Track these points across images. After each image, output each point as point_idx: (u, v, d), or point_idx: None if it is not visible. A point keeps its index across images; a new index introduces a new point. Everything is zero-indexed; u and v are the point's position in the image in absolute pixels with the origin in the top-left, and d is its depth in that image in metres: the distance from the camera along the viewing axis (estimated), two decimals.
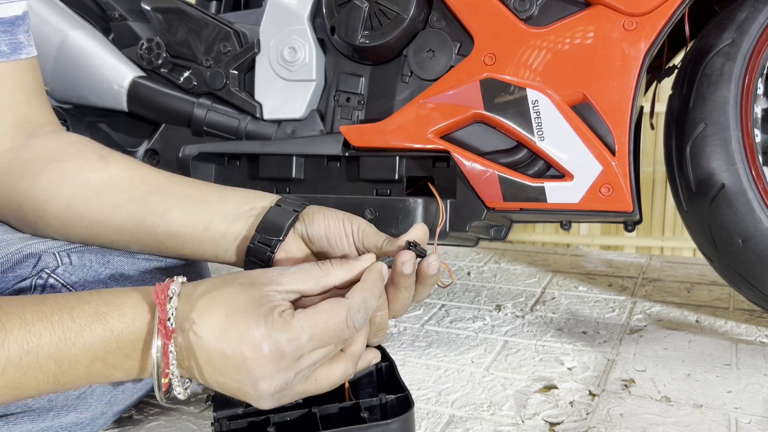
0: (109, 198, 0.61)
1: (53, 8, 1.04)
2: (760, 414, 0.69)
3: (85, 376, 0.48)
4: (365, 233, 0.60)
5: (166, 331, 0.47)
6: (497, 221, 0.95)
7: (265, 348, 0.46)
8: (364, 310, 0.50)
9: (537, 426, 0.68)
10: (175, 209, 0.61)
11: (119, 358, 0.48)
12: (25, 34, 0.65)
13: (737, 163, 0.82)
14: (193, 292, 0.50)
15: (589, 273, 1.31)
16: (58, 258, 0.61)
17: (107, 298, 0.49)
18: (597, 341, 0.91)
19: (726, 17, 0.86)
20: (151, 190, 0.62)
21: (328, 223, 0.60)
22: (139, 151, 1.09)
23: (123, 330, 0.48)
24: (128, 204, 0.61)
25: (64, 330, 0.46)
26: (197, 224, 0.61)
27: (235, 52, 1.00)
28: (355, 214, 0.62)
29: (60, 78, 1.05)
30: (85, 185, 0.62)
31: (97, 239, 0.63)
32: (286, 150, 0.97)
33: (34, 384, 0.46)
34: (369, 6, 0.90)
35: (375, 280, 0.52)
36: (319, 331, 0.47)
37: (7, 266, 0.60)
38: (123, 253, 0.65)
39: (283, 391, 0.49)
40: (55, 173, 0.62)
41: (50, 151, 0.64)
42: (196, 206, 0.61)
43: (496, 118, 0.85)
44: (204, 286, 0.51)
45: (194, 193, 0.62)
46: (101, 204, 0.61)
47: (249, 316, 0.47)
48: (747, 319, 1.00)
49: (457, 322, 1.01)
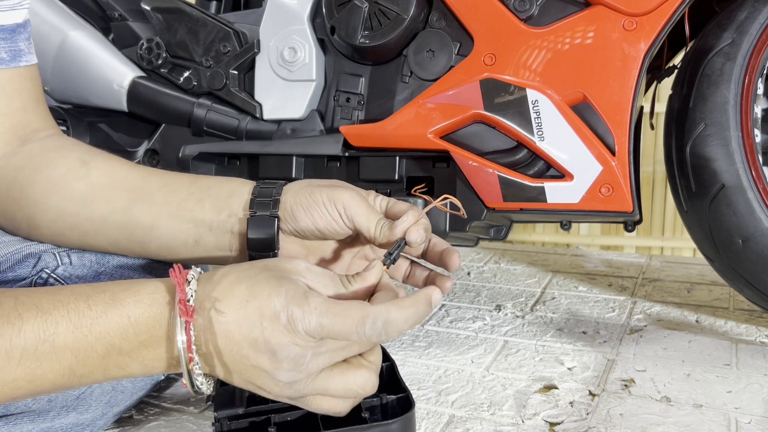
0: (95, 210, 0.61)
1: (53, 8, 1.04)
2: (760, 414, 0.69)
3: (101, 368, 0.47)
4: (354, 214, 0.58)
5: (187, 310, 0.47)
6: (497, 221, 0.95)
7: (283, 317, 0.46)
8: (382, 325, 0.46)
9: (537, 426, 0.68)
10: (161, 224, 0.60)
11: (135, 346, 0.47)
12: (25, 42, 0.65)
13: (737, 163, 0.82)
14: (213, 275, 0.50)
15: (589, 273, 1.31)
16: (57, 258, 0.61)
17: (124, 286, 0.49)
18: (597, 341, 0.91)
19: (726, 17, 0.86)
20: (133, 198, 0.61)
21: (313, 218, 0.58)
22: (139, 151, 1.09)
23: (140, 316, 0.47)
24: (114, 216, 0.61)
25: (81, 317, 0.46)
26: (187, 239, 0.61)
27: (235, 52, 1.00)
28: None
29: (60, 78, 1.05)
30: (71, 197, 0.61)
31: (93, 247, 0.63)
32: (286, 150, 0.97)
33: (50, 376, 0.45)
34: (369, 6, 0.90)
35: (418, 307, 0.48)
36: (328, 321, 0.46)
37: (6, 266, 0.60)
38: None
39: (298, 370, 0.47)
40: (42, 183, 0.61)
41: (37, 158, 0.63)
42: (179, 218, 0.60)
43: (496, 118, 0.85)
44: (226, 268, 0.50)
45: (174, 198, 0.61)
46: (90, 215, 0.61)
47: (270, 287, 0.47)
48: (747, 319, 1.00)
49: (457, 322, 1.01)
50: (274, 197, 0.59)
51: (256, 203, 0.59)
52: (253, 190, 0.60)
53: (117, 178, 0.62)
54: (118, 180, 0.62)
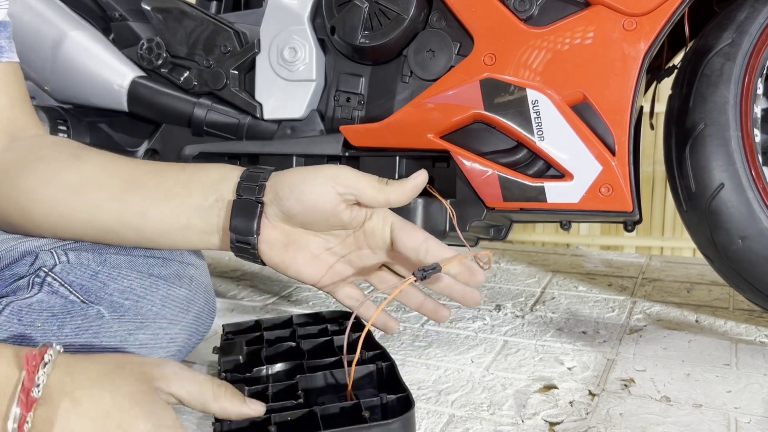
0: (88, 198, 0.62)
1: (53, 8, 1.04)
2: (759, 414, 0.69)
3: None
4: (347, 179, 0.61)
5: (27, 401, 0.43)
6: (497, 221, 0.95)
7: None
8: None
9: (537, 426, 0.68)
10: (152, 208, 0.62)
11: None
12: (6, 40, 0.66)
13: (737, 163, 0.82)
14: (76, 363, 0.46)
15: (589, 273, 1.31)
16: (55, 256, 0.61)
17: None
18: (597, 341, 0.91)
19: (726, 17, 0.86)
20: (126, 186, 0.62)
21: (301, 194, 0.59)
22: (139, 151, 1.09)
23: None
24: (108, 203, 0.62)
25: None
26: (176, 223, 0.62)
27: (236, 52, 1.00)
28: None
29: (60, 78, 1.05)
30: (64, 187, 0.62)
31: (88, 237, 0.64)
32: (286, 150, 0.97)
33: None
34: (369, 6, 0.91)
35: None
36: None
37: (3, 263, 0.60)
38: (119, 251, 0.65)
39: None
40: (35, 176, 0.62)
41: (29, 153, 0.64)
42: (169, 203, 0.62)
43: (496, 118, 0.85)
44: (90, 360, 0.47)
45: (163, 185, 0.63)
46: (83, 204, 0.62)
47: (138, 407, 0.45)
48: (747, 319, 1.00)
49: (456, 321, 1.01)
50: (260, 182, 0.61)
51: (242, 187, 0.61)
52: (242, 174, 0.62)
53: (108, 169, 0.63)
54: (109, 170, 0.63)
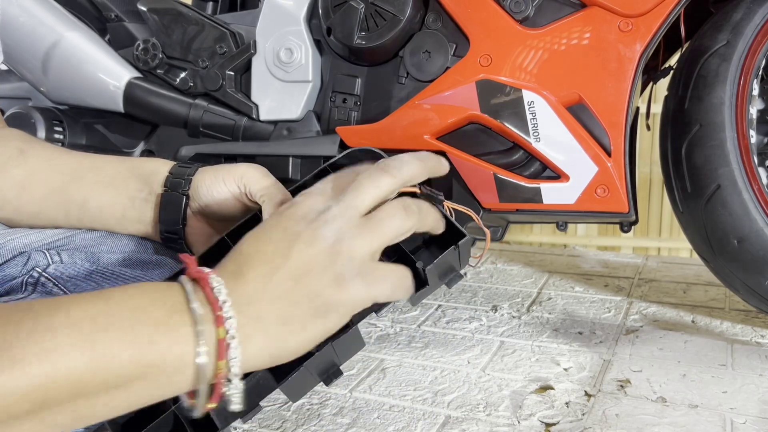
0: (34, 192, 0.65)
1: (49, 9, 1.04)
2: (755, 414, 0.69)
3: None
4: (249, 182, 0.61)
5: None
6: (494, 222, 0.95)
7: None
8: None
9: (533, 427, 0.68)
10: (91, 199, 0.65)
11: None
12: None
13: (732, 163, 0.82)
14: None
15: (585, 273, 1.31)
16: (48, 257, 0.61)
17: None
18: (593, 342, 0.91)
19: (721, 18, 0.86)
20: (67, 179, 0.65)
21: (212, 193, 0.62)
22: (135, 152, 1.09)
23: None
24: (52, 196, 0.65)
25: None
26: (114, 213, 0.65)
27: (232, 53, 0.99)
28: None
29: (56, 79, 1.05)
30: (12, 181, 0.65)
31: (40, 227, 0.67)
32: (282, 151, 0.97)
33: None
34: (365, 7, 0.90)
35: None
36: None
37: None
38: (112, 250, 0.66)
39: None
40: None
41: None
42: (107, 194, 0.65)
43: (491, 119, 0.85)
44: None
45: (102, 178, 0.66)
46: (30, 198, 0.65)
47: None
48: (743, 319, 1.01)
49: (453, 322, 1.01)
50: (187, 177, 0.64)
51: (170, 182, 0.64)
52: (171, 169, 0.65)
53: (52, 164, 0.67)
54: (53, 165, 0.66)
